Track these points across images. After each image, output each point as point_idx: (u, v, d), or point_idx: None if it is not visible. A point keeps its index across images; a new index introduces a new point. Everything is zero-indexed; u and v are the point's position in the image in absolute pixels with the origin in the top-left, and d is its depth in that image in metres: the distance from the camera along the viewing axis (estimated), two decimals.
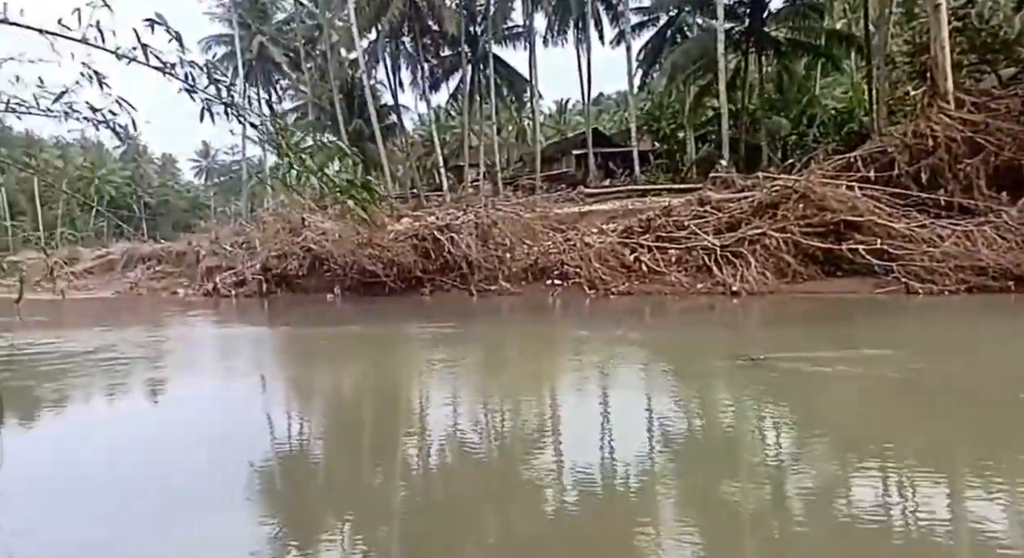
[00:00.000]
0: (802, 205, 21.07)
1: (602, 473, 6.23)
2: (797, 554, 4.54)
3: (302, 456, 7.33)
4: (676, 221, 23.30)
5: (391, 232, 26.16)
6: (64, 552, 4.80)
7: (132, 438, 8.00)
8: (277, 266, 28.06)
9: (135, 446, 7.60)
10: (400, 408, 9.58)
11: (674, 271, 21.83)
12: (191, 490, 5.89)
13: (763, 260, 20.44)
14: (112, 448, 7.56)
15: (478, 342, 15.40)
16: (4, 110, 6.15)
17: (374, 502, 5.69)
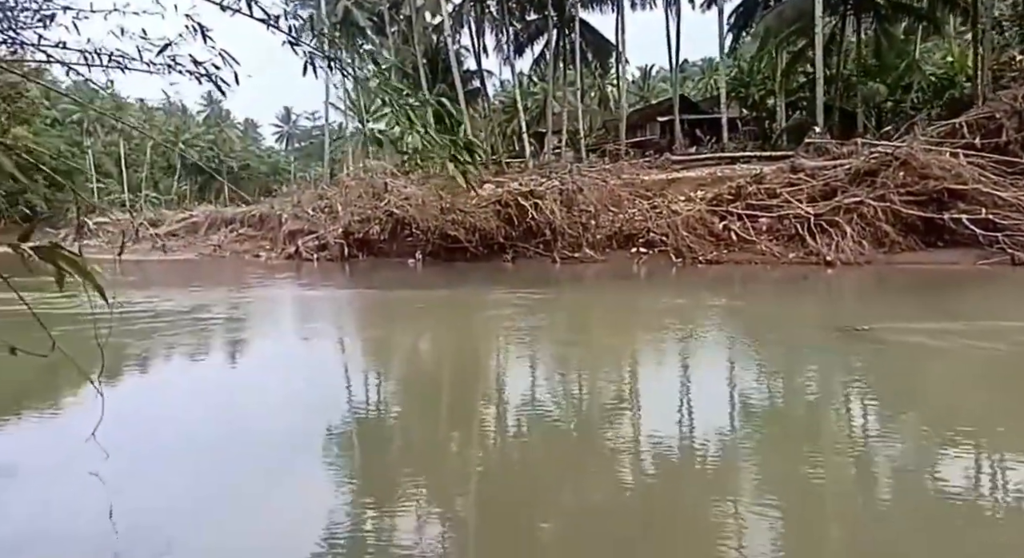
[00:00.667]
0: (903, 172, 20.50)
1: (685, 445, 6.16)
2: (875, 537, 4.32)
3: (381, 419, 7.47)
4: (767, 189, 23.02)
5: (474, 198, 26.74)
6: (156, 504, 4.99)
7: (221, 395, 8.42)
8: (359, 230, 29.03)
9: (223, 403, 7.89)
10: (481, 374, 9.58)
11: (765, 240, 21.67)
12: (273, 450, 6.05)
13: (860, 229, 20.07)
14: (202, 405, 7.82)
15: (562, 309, 15.70)
16: (107, 63, 6.49)
17: (451, 468, 5.77)
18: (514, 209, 25.40)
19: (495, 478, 5.60)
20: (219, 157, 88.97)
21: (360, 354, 11.55)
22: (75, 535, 4.58)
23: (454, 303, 16.98)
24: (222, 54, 4.32)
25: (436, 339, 12.49)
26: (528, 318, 13.84)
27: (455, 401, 8.22)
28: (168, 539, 4.44)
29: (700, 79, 69.78)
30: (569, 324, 13.77)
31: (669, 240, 22.48)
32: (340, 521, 4.68)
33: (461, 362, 10.42)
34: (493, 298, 17.20)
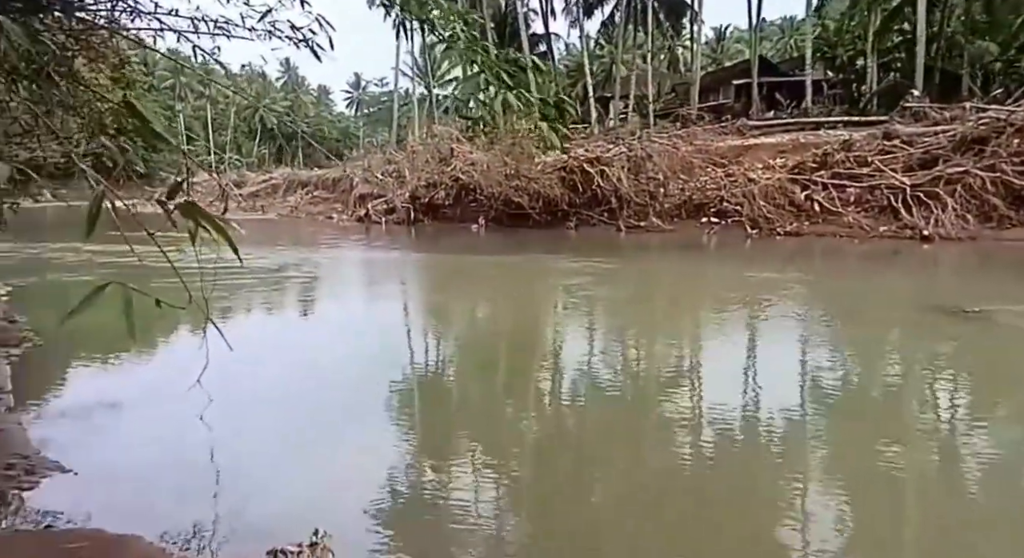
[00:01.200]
0: (1017, 140, 18.16)
1: (751, 425, 5.63)
2: (955, 539, 3.87)
3: (442, 380, 7.54)
4: (857, 157, 20.96)
5: (538, 164, 25.58)
6: (235, 449, 5.14)
7: (302, 351, 8.45)
8: (425, 195, 28.44)
9: (304, 358, 7.99)
10: (543, 341, 9.29)
11: (852, 212, 19.78)
12: (343, 404, 6.24)
13: (963, 202, 17.96)
14: (285, 358, 7.94)
15: (626, 278, 14.73)
16: (213, 30, 6.14)
17: (508, 433, 5.68)
18: (579, 176, 24.16)
19: (551, 443, 5.47)
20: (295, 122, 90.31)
21: (425, 317, 11.45)
22: (169, 468, 4.75)
23: (517, 270, 16.31)
24: (319, 19, 4.43)
25: (499, 305, 12.09)
26: (591, 287, 13.11)
27: (515, 366, 8.00)
28: (240, 481, 4.55)
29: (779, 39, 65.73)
30: (634, 294, 12.89)
31: (744, 210, 20.83)
32: (399, 476, 4.69)
33: (523, 329, 10.02)
34: (556, 266, 16.44)
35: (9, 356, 7.39)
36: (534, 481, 4.76)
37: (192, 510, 4.07)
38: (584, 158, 24.07)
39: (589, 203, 24.14)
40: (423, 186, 28.72)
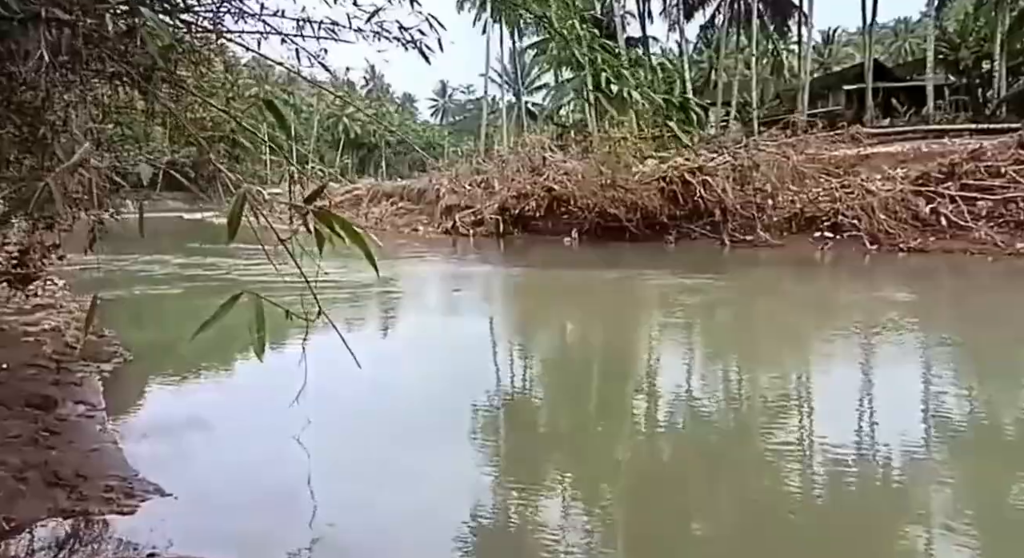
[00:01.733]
0: None
1: (867, 463, 5.32)
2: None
3: (532, 402, 7.56)
4: (989, 167, 19.73)
5: (636, 174, 25.29)
6: (337, 471, 5.22)
7: (397, 369, 8.42)
8: (515, 206, 28.51)
9: (393, 375, 7.92)
10: (638, 363, 9.13)
11: (984, 226, 18.59)
12: (433, 423, 6.36)
13: None
14: (376, 379, 7.64)
15: (731, 297, 14.25)
16: (318, 32, 6.28)
17: (598, 457, 5.58)
18: (679, 186, 23.69)
19: (648, 475, 5.35)
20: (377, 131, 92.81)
21: (517, 337, 11.33)
22: (266, 491, 4.83)
23: (614, 287, 16.02)
24: (428, 19, 4.40)
25: (594, 326, 11.94)
26: (693, 306, 12.79)
27: (612, 392, 7.83)
28: (334, 506, 4.62)
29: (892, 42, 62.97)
30: (740, 314, 12.48)
31: (863, 224, 19.87)
32: (489, 504, 4.73)
33: (620, 351, 9.86)
34: (655, 283, 16.08)
35: (100, 372, 7.54)
36: (629, 515, 4.66)
37: (289, 536, 4.14)
38: (685, 167, 23.62)
39: (690, 215, 23.62)
40: (513, 197, 28.82)
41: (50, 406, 6.05)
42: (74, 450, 5.16)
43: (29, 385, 6.45)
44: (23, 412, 5.74)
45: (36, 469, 4.62)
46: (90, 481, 4.63)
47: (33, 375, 6.89)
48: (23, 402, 5.90)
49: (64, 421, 5.81)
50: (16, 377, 6.61)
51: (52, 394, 6.29)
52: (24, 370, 7.04)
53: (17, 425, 5.36)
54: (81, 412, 6.18)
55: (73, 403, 6.42)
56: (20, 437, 5.11)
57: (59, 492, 4.45)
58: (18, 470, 4.55)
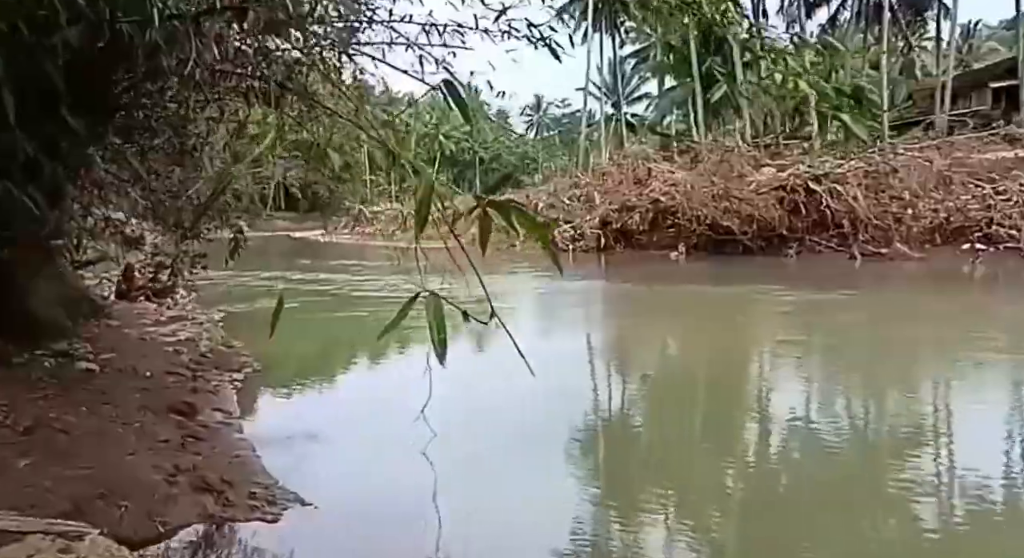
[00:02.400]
0: None
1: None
2: None
3: (633, 424, 7.51)
4: None
5: (751, 183, 24.55)
6: (462, 482, 5.27)
7: (511, 385, 7.94)
8: (617, 220, 28.21)
9: (514, 395, 7.62)
10: (749, 388, 8.90)
11: None
12: (536, 444, 6.29)
13: None
14: (493, 395, 7.80)
15: (862, 316, 13.37)
16: (441, 37, 6.37)
17: (703, 487, 5.47)
18: (802, 195, 22.82)
19: (753, 505, 5.15)
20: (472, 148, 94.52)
21: (624, 356, 11.13)
22: (398, 502, 4.92)
23: (726, 304, 15.52)
24: (560, 14, 4.14)
25: (707, 343, 11.51)
26: (814, 327, 12.17)
27: (715, 415, 7.70)
28: (462, 516, 4.66)
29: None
30: (871, 337, 11.56)
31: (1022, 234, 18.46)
32: (584, 524, 4.72)
33: (728, 372, 9.65)
34: (775, 299, 15.43)
35: (232, 381, 7.89)
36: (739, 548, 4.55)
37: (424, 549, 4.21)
38: (809, 175, 22.72)
39: (814, 226, 22.69)
40: (615, 210, 28.54)
41: (191, 413, 6.30)
42: (217, 456, 5.32)
43: (171, 392, 6.76)
44: (168, 418, 5.99)
45: (185, 474, 4.77)
46: (235, 487, 4.74)
47: (173, 383, 7.23)
48: (167, 408, 6.17)
49: (205, 427, 6.03)
50: (159, 385, 6.94)
51: (192, 401, 6.57)
52: (165, 378, 7.41)
53: (165, 430, 5.59)
54: (219, 419, 6.41)
55: (211, 410, 6.68)
56: (169, 442, 5.32)
57: (207, 497, 4.58)
58: (170, 474, 4.71)
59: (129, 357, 8.00)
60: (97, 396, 5.90)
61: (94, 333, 8.86)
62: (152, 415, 5.91)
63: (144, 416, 5.79)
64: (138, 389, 6.57)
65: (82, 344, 8.17)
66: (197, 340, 9.60)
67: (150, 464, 4.80)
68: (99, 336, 8.73)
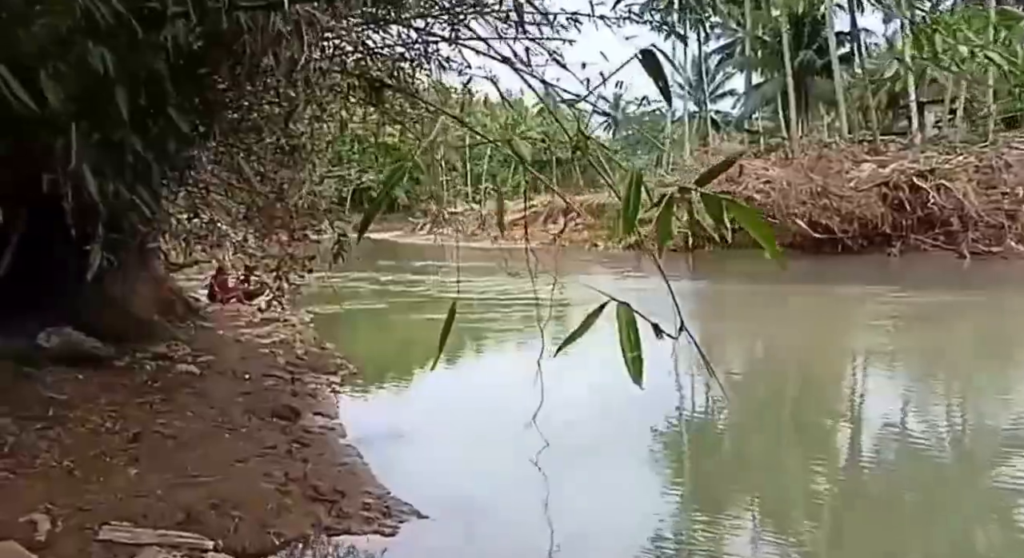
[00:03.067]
0: None
1: None
2: None
3: (718, 427, 7.25)
4: None
5: (851, 180, 23.34)
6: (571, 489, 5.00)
7: (616, 390, 7.85)
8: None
9: (617, 400, 7.11)
10: (843, 392, 8.53)
11: None
12: (648, 447, 6.26)
13: None
14: (597, 400, 7.40)
15: (972, 319, 12.47)
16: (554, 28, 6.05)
17: (792, 491, 5.29)
18: (906, 192, 21.51)
19: (846, 513, 4.94)
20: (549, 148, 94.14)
21: (711, 355, 10.71)
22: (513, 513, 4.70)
23: (826, 303, 14.90)
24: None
25: (804, 347, 11.01)
26: (919, 330, 11.43)
27: (810, 416, 7.46)
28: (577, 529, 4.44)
29: None
30: (981, 339, 10.75)
31: None
32: (668, 528, 4.61)
33: (822, 374, 9.29)
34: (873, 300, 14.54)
35: (329, 383, 7.74)
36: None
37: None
38: (914, 171, 21.41)
39: (919, 224, 21.37)
40: None
41: (294, 417, 6.15)
42: (326, 463, 5.10)
43: (272, 396, 6.63)
44: (272, 422, 5.83)
45: (296, 482, 4.56)
46: (348, 498, 4.49)
47: (273, 386, 7.11)
48: (271, 412, 6.02)
49: (309, 433, 5.84)
50: (260, 388, 6.82)
51: (294, 406, 6.41)
52: (264, 380, 7.31)
53: (271, 436, 5.42)
54: (321, 424, 6.22)
55: (312, 414, 6.51)
56: (275, 448, 5.14)
57: (320, 507, 4.35)
58: (280, 483, 4.50)
59: (227, 359, 7.97)
60: (201, 400, 5.80)
61: (190, 335, 8.90)
62: (257, 420, 5.76)
63: (249, 421, 5.65)
64: (240, 393, 6.46)
65: (180, 346, 8.20)
66: (291, 342, 9.55)
67: (260, 472, 4.62)
68: (195, 338, 8.76)
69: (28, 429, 4.32)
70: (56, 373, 5.58)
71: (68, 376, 5.56)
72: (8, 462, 4.05)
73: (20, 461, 4.11)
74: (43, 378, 5.14)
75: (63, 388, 5.10)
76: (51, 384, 5.10)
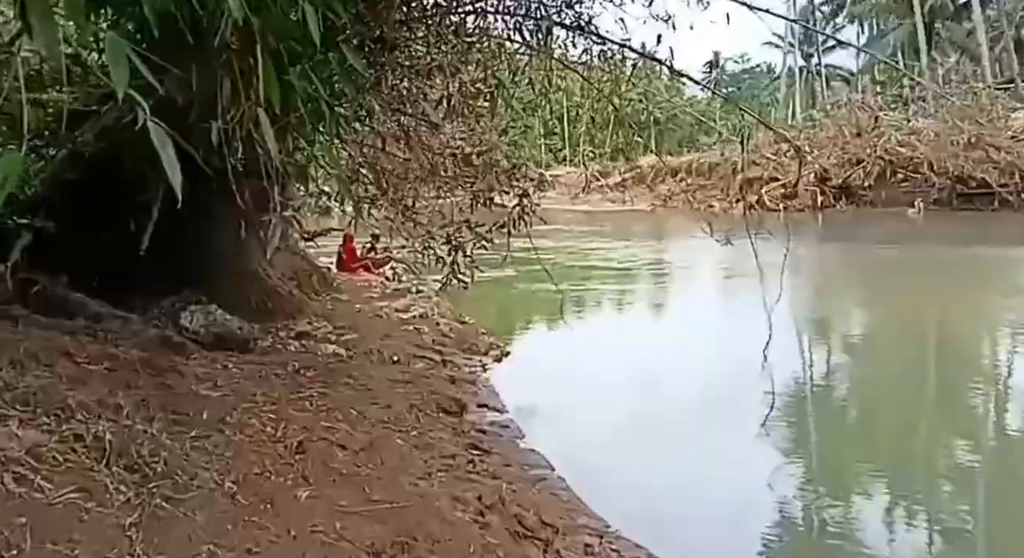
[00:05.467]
0: None
1: None
2: None
3: (856, 400, 6.77)
4: None
5: (1007, 129, 20.61)
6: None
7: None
8: (837, 175, 25.10)
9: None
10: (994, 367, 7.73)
11: None
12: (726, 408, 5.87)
13: None
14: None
15: None
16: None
17: (923, 464, 5.04)
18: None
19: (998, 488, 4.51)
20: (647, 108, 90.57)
21: (851, 327, 10.07)
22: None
23: (979, 268, 13.10)
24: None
25: (948, 316, 10.06)
26: None
27: (946, 391, 6.89)
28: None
29: None
30: None
31: None
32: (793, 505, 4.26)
33: (970, 348, 8.43)
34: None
35: (483, 366, 7.00)
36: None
37: None
38: None
39: None
40: (835, 165, 25.38)
41: (460, 411, 5.24)
42: (517, 479, 4.13)
43: (429, 384, 5.73)
44: (439, 419, 4.92)
45: (494, 511, 3.59)
46: (562, 536, 3.50)
47: (426, 369, 6.25)
48: (436, 406, 5.11)
49: (483, 433, 4.91)
50: (415, 373, 5.94)
51: (458, 396, 5.50)
52: (414, 362, 6.46)
53: (444, 440, 4.49)
54: (492, 421, 5.29)
55: (476, 406, 5.59)
56: (455, 459, 4.20)
57: (531, 549, 3.37)
58: (477, 512, 3.55)
59: (370, 337, 7.18)
60: (361, 394, 4.92)
61: (328, 310, 8.20)
62: (424, 417, 4.85)
63: (417, 420, 4.74)
64: (397, 380, 5.57)
65: (321, 322, 7.48)
66: (431, 317, 8.69)
67: (448, 495, 3.66)
68: (334, 313, 8.05)
69: (182, 439, 3.51)
70: (203, 361, 4.83)
71: (216, 365, 4.80)
72: (163, 485, 3.23)
73: (176, 483, 3.29)
74: (194, 370, 4.36)
75: (215, 381, 4.31)
76: (202, 376, 4.32)
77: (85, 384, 3.55)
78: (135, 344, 4.50)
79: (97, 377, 3.70)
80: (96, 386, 3.57)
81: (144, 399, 3.65)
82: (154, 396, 3.74)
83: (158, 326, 5.51)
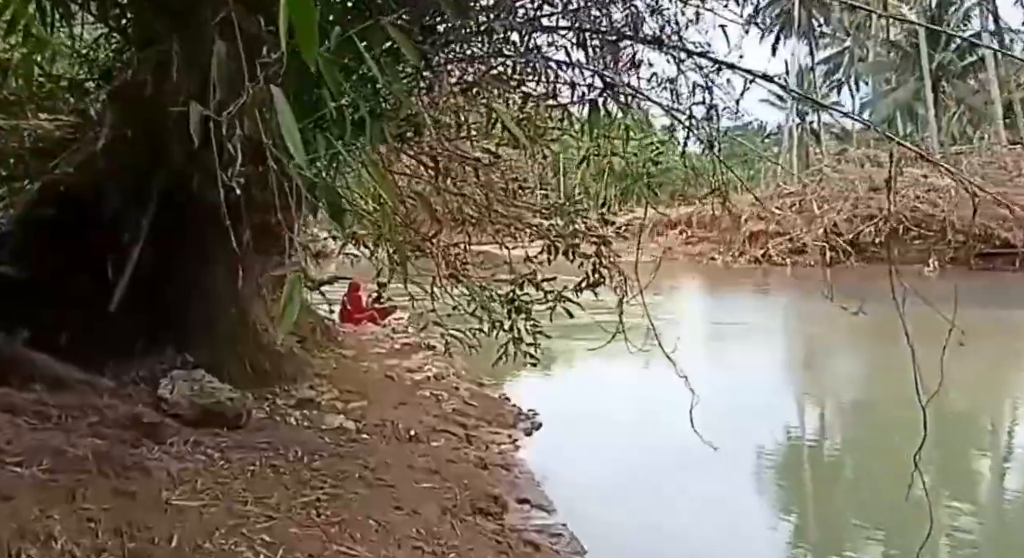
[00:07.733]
0: None
1: None
2: None
3: (848, 460, 6.77)
4: None
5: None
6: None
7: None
8: (847, 230, 24.42)
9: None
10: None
11: None
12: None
13: None
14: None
15: None
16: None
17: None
18: None
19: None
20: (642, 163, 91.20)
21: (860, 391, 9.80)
22: None
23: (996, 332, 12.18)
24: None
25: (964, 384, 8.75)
26: None
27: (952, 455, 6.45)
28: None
29: None
30: None
31: None
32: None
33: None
34: None
35: (514, 443, 6.14)
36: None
37: None
38: None
39: None
40: (846, 220, 24.79)
41: (500, 512, 4.16)
42: None
43: (458, 471, 4.65)
44: (477, 527, 3.84)
45: None
46: None
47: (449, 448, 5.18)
48: (470, 507, 4.03)
49: (533, 545, 3.82)
50: (438, 456, 4.86)
51: (492, 489, 4.42)
52: (434, 439, 5.39)
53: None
54: (540, 524, 4.21)
55: (516, 501, 4.51)
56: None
57: None
58: None
59: (381, 405, 6.14)
60: (380, 493, 3.83)
61: (332, 370, 7.14)
62: (458, 524, 3.77)
63: (452, 529, 3.65)
64: (419, 469, 4.48)
65: (325, 385, 6.43)
66: (446, 376, 7.65)
67: None
68: (339, 374, 7.00)
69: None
70: (181, 448, 3.75)
71: (198, 453, 3.72)
72: None
73: None
74: (167, 467, 3.29)
75: (194, 483, 3.22)
76: (177, 476, 3.24)
77: (8, 500, 2.48)
78: (93, 428, 3.44)
79: (28, 487, 2.63)
80: (24, 502, 2.51)
81: (91, 519, 2.58)
82: (107, 513, 2.66)
83: (131, 396, 4.46)
